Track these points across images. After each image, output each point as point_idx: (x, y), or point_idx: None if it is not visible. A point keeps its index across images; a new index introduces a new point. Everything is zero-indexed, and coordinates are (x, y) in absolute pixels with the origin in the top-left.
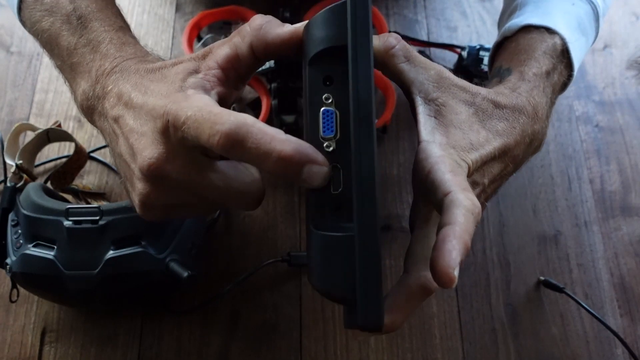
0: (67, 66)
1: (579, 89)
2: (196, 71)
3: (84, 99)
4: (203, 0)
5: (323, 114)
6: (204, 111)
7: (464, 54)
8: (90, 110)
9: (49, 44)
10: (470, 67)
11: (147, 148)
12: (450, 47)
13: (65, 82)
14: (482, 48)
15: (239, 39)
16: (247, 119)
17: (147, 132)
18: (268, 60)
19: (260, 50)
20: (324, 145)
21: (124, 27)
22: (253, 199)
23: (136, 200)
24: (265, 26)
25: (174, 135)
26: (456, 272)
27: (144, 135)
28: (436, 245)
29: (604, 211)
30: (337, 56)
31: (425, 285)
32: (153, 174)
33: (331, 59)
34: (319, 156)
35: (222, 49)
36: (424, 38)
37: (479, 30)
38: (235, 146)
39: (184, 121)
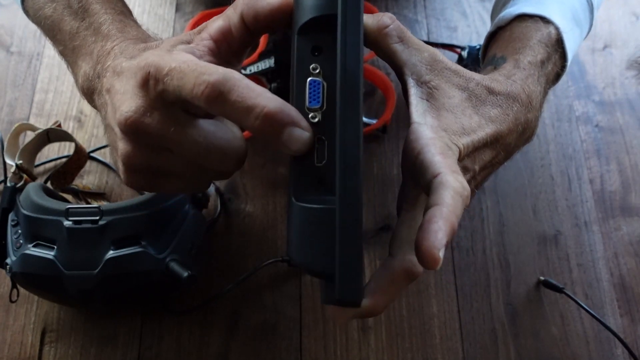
0: (69, 50)
1: (579, 89)
2: (188, 42)
3: (85, 80)
4: (203, 0)
5: (310, 84)
6: (189, 63)
7: (464, 54)
8: (90, 91)
9: (52, 30)
10: (470, 67)
11: (124, 102)
12: (450, 47)
13: (68, 67)
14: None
15: (232, 10)
16: (234, 73)
17: (128, 89)
18: (260, 34)
19: (250, 20)
20: (310, 116)
21: (126, 11)
22: (235, 158)
23: (120, 165)
24: None
25: (154, 88)
26: (441, 254)
27: (125, 93)
28: (422, 226)
29: (604, 211)
30: (326, 26)
31: (409, 268)
32: (131, 129)
33: (321, 28)
34: (302, 121)
35: (216, 21)
36: (424, 38)
37: (479, 30)
38: (220, 98)
39: (167, 72)
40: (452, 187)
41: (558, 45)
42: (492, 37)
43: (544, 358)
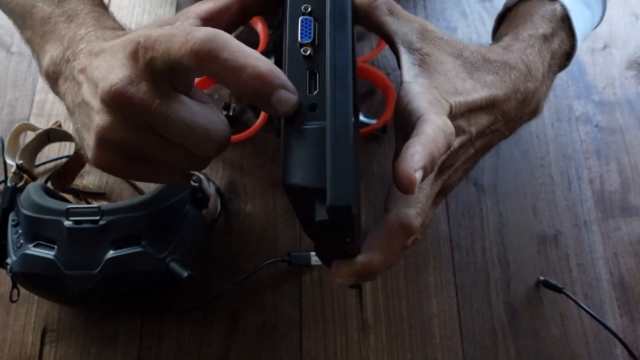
0: (38, 36)
1: (578, 89)
2: (175, 21)
3: (51, 64)
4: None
5: (302, 21)
6: (178, 27)
7: None
8: (55, 75)
9: (22, 16)
10: None
11: (111, 72)
12: None
13: (33, 54)
14: None
15: None
16: (223, 32)
17: (114, 62)
18: (254, 13)
19: None
20: (302, 50)
21: (103, 4)
22: (217, 141)
23: (92, 140)
24: None
25: (143, 57)
26: (418, 175)
27: (110, 66)
28: (400, 153)
29: (604, 211)
30: None
31: (404, 221)
32: (115, 99)
33: None
34: (290, 83)
35: (204, 3)
36: None
37: (479, 30)
38: (210, 55)
39: (155, 38)
40: (433, 122)
41: (563, 22)
42: (501, 19)
43: (544, 358)
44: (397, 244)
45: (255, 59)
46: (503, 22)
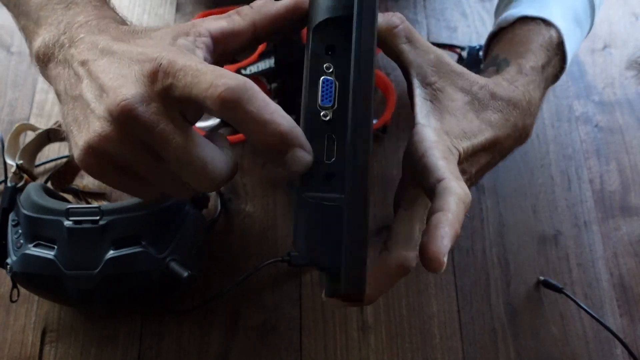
0: (32, 21)
1: (578, 89)
2: (187, 34)
3: (42, 46)
4: (203, 0)
5: (323, 82)
6: (208, 65)
7: (464, 54)
8: (47, 58)
9: (17, 4)
10: (470, 67)
11: (125, 86)
12: (450, 47)
13: (25, 40)
14: (482, 48)
15: (238, 17)
16: (253, 83)
17: (129, 74)
18: (267, 39)
19: (265, 24)
20: (321, 114)
21: None
22: (213, 179)
23: (82, 141)
24: (268, 2)
25: (162, 81)
26: (445, 259)
27: (123, 77)
28: (428, 231)
29: (604, 211)
30: (341, 27)
31: (403, 264)
32: (123, 114)
33: (335, 28)
34: (308, 144)
35: (218, 21)
36: (424, 38)
37: (479, 30)
38: (237, 104)
39: (180, 68)
40: (456, 194)
41: (558, 48)
42: (494, 36)
43: (544, 358)
44: (393, 282)
45: (279, 117)
46: (498, 41)
